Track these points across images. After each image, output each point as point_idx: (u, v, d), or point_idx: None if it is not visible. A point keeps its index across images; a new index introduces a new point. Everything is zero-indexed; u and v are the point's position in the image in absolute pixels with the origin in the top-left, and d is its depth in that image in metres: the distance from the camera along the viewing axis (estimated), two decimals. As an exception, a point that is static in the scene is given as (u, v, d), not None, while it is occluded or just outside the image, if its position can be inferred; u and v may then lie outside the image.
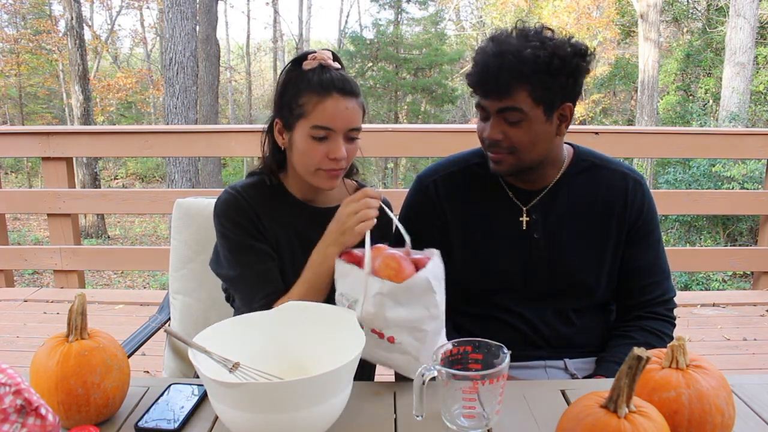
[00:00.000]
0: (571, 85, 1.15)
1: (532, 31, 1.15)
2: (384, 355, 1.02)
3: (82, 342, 0.92)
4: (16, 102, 15.57)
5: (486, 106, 1.17)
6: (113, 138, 3.59)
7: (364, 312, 0.99)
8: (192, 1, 7.24)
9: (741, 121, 8.67)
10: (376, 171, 15.97)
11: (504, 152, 1.19)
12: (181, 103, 7.20)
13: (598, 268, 1.28)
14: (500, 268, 1.28)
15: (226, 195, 1.24)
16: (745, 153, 3.66)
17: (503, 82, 1.12)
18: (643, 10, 10.86)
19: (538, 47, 1.11)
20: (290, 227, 1.25)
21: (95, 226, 10.83)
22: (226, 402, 0.82)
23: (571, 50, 1.13)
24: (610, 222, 1.27)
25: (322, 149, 1.16)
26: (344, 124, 1.15)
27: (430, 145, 3.41)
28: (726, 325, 2.99)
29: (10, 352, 2.71)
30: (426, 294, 0.99)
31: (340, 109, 1.14)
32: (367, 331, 0.99)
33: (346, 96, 1.15)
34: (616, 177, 1.29)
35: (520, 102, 1.13)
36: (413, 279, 0.98)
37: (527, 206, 1.28)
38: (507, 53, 1.11)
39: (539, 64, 1.10)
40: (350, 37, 16.63)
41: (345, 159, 1.17)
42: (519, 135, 1.16)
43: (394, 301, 0.98)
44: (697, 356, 0.86)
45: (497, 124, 1.17)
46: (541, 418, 0.95)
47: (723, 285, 6.53)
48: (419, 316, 0.98)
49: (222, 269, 1.24)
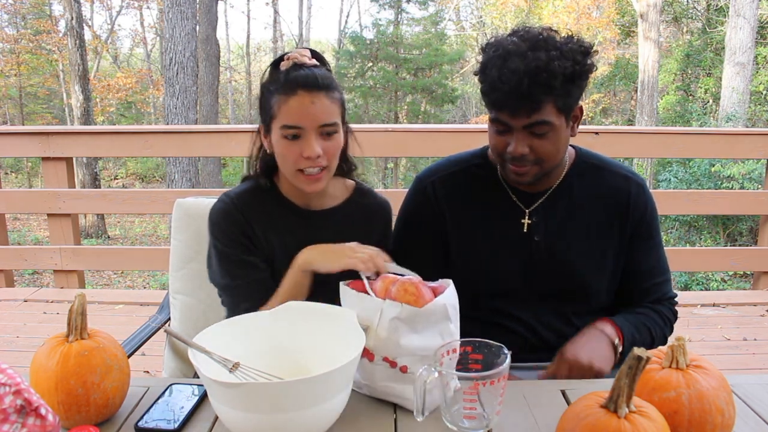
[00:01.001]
0: (585, 87, 1.16)
1: (541, 39, 1.11)
2: (395, 388, 0.98)
3: (82, 342, 0.92)
4: (16, 102, 15.57)
5: (509, 122, 1.14)
6: (113, 138, 3.58)
7: (377, 337, 0.97)
8: (192, 1, 7.24)
9: (741, 121, 8.67)
10: (376, 171, 15.96)
11: (529, 164, 1.17)
12: (181, 103, 7.20)
13: (599, 272, 1.28)
14: (500, 270, 1.28)
15: (220, 204, 1.23)
16: (745, 153, 3.66)
17: (535, 99, 1.09)
18: (643, 10, 10.86)
19: (559, 57, 1.08)
20: (286, 232, 1.24)
21: (95, 226, 10.82)
22: (226, 402, 0.82)
23: (583, 53, 1.12)
24: (611, 225, 1.27)
25: (296, 149, 1.14)
26: (312, 120, 1.12)
27: (430, 145, 3.41)
28: (726, 325, 2.99)
29: (10, 352, 2.71)
30: (442, 321, 0.97)
31: (305, 106, 1.12)
32: (379, 361, 0.97)
33: (312, 91, 1.12)
34: (618, 180, 1.28)
35: (548, 115, 1.11)
36: (433, 304, 0.95)
37: (529, 208, 1.27)
38: (538, 70, 1.07)
39: (566, 75, 1.09)
40: (350, 37, 16.61)
41: (322, 156, 1.14)
42: (546, 146, 1.15)
43: (409, 327, 0.95)
44: (697, 356, 0.86)
45: (524, 139, 1.14)
46: (541, 418, 0.95)
47: (723, 285, 6.53)
48: (434, 344, 0.94)
49: (212, 275, 1.26)
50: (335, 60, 15.76)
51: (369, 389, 1.01)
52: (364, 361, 0.99)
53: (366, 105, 15.77)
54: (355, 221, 1.30)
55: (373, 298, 0.99)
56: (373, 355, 0.98)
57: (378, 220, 1.34)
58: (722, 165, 6.97)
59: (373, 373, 0.99)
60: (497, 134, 1.18)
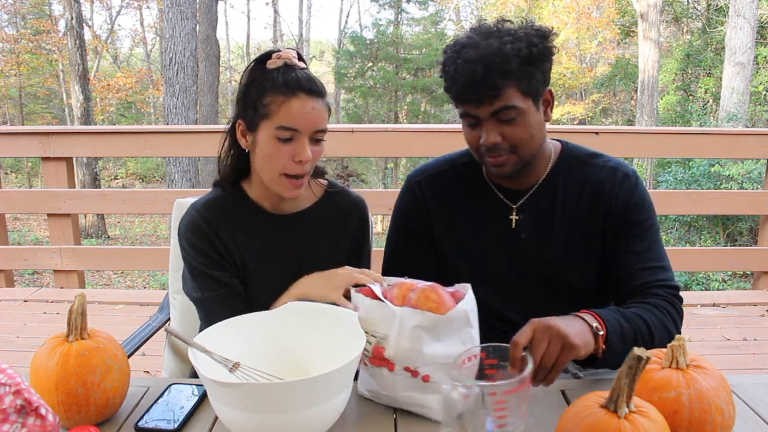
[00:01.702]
0: (548, 69, 1.15)
1: (495, 29, 1.13)
2: (416, 397, 0.95)
3: (82, 342, 0.92)
4: (16, 102, 15.56)
5: (476, 113, 1.14)
6: (113, 138, 3.58)
7: (399, 347, 0.93)
8: (192, 1, 7.25)
9: (741, 121, 8.67)
10: (376, 171, 15.96)
11: (505, 153, 1.16)
12: (181, 103, 7.20)
13: (586, 267, 1.25)
14: (488, 270, 1.26)
15: (187, 216, 1.21)
16: (745, 153, 3.66)
17: (492, 85, 1.09)
18: (643, 10, 10.86)
19: (513, 41, 1.09)
20: (256, 238, 1.22)
21: (95, 226, 10.82)
22: (226, 402, 0.82)
23: (539, 36, 1.12)
24: (596, 218, 1.23)
25: (287, 151, 1.12)
26: (310, 125, 1.12)
27: (430, 145, 3.41)
28: (726, 325, 2.98)
29: (10, 352, 2.71)
30: (464, 327, 0.94)
31: (306, 110, 1.11)
32: (399, 371, 0.94)
33: (312, 96, 1.12)
34: (605, 173, 1.24)
35: (511, 99, 1.11)
36: (455, 310, 0.93)
37: (516, 205, 1.26)
38: (490, 56, 1.08)
39: (522, 58, 1.09)
40: (350, 37, 16.61)
41: (310, 161, 1.14)
42: (517, 132, 1.14)
43: (432, 335, 0.92)
44: (697, 356, 0.86)
45: (493, 127, 1.14)
46: (541, 418, 0.95)
47: (723, 285, 6.53)
48: (456, 352, 0.92)
49: (185, 287, 1.25)
50: (335, 60, 15.75)
51: (389, 399, 0.98)
52: (384, 370, 0.96)
53: (366, 105, 15.76)
54: (327, 223, 1.27)
55: (389, 305, 0.96)
56: (394, 364, 0.95)
57: (352, 219, 1.31)
58: (721, 165, 6.97)
59: (394, 384, 0.96)
60: (470, 129, 1.18)
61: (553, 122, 14.25)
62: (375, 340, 0.96)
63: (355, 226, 1.31)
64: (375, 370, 0.97)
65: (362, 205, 1.34)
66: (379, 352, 0.95)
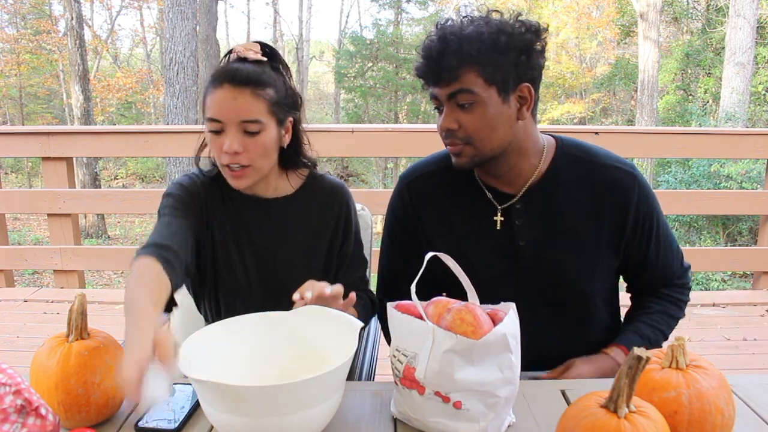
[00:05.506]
0: (524, 62, 1.08)
1: (476, 15, 1.10)
2: (445, 423, 0.90)
3: (82, 342, 0.92)
4: (16, 102, 15.55)
5: (437, 94, 1.11)
6: (113, 138, 3.58)
7: (429, 370, 0.88)
8: (192, 1, 7.24)
9: (741, 121, 8.67)
10: (376, 171, 15.96)
11: (460, 143, 1.12)
12: (181, 103, 7.20)
13: (591, 274, 1.20)
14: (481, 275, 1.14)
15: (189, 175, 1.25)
16: (745, 153, 3.65)
17: (449, 65, 1.06)
18: (642, 10, 10.86)
19: (482, 25, 1.07)
20: (237, 220, 1.24)
21: (95, 226, 10.82)
22: (216, 406, 0.81)
23: (520, 26, 1.08)
24: (601, 223, 1.18)
25: (219, 143, 1.12)
26: (233, 115, 1.09)
27: (430, 145, 3.37)
28: (726, 325, 2.99)
29: (10, 352, 2.71)
30: (502, 353, 0.87)
31: (227, 100, 1.09)
32: (430, 395, 0.89)
33: (236, 86, 1.09)
34: (607, 172, 1.18)
35: (469, 83, 1.07)
36: (492, 334, 0.86)
37: (503, 206, 1.20)
38: (449, 35, 1.06)
39: (484, 42, 1.05)
40: (350, 37, 16.62)
41: (242, 154, 1.11)
42: (473, 121, 1.09)
43: (465, 360, 0.86)
44: (697, 356, 0.86)
45: (450, 112, 1.10)
46: (541, 418, 0.95)
47: (723, 285, 6.53)
48: (492, 379, 0.87)
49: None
50: (335, 60, 15.75)
51: (420, 424, 0.93)
52: (414, 393, 0.91)
53: (366, 105, 15.77)
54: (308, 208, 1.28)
55: (419, 322, 0.90)
56: (424, 388, 0.89)
57: (334, 203, 1.30)
58: (720, 164, 6.98)
59: (424, 408, 0.91)
60: (438, 113, 1.16)
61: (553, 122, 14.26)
62: (406, 360, 0.91)
63: (338, 209, 1.31)
64: (405, 392, 0.93)
65: (342, 188, 1.33)
66: (410, 373, 0.90)
